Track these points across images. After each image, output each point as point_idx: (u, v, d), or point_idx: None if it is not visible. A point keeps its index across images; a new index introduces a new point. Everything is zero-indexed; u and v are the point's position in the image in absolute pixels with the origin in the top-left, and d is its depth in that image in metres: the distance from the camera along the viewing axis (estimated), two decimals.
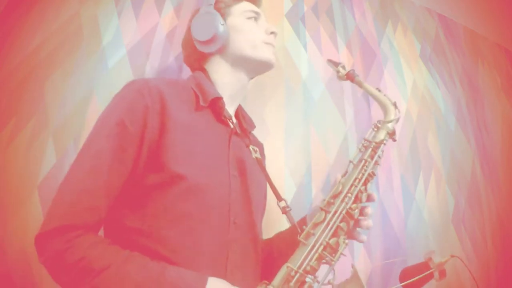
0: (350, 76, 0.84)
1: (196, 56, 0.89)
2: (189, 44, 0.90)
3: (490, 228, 1.70)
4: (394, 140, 0.79)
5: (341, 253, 0.68)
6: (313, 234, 0.68)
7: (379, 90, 0.82)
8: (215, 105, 0.79)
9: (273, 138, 1.43)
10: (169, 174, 0.66)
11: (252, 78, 0.93)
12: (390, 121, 0.78)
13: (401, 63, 1.87)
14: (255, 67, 0.86)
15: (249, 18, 0.86)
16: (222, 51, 0.85)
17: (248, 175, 0.79)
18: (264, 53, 0.84)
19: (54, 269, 0.61)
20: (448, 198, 1.66)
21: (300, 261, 0.66)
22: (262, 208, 0.87)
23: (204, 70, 0.86)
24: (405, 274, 1.09)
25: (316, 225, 0.70)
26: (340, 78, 0.85)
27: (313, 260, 0.66)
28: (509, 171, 1.92)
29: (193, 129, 0.73)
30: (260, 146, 0.98)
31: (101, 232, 0.71)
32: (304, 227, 0.70)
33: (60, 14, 1.40)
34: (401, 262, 1.36)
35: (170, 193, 0.66)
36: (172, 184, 0.66)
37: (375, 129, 0.79)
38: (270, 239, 0.91)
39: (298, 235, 0.69)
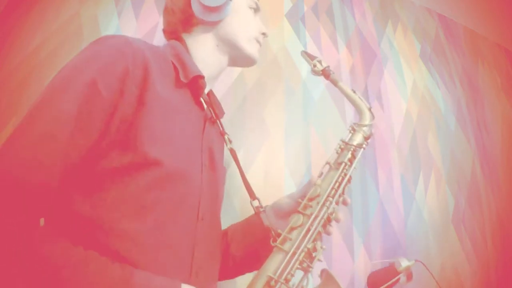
0: (325, 73, 0.79)
1: (185, 17, 0.78)
2: (184, 2, 0.79)
3: (490, 228, 1.70)
4: (367, 144, 0.75)
5: (318, 259, 0.64)
6: (291, 239, 0.63)
7: (355, 92, 0.78)
8: (196, 84, 0.71)
9: (273, 138, 1.43)
10: (143, 157, 0.56)
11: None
12: (366, 126, 0.75)
13: (401, 63, 1.87)
14: (239, 58, 0.82)
15: (251, 8, 0.84)
16: (214, 25, 0.78)
17: (216, 166, 0.73)
18: (253, 49, 0.81)
19: None
20: (448, 198, 1.66)
21: (280, 269, 0.61)
22: (221, 204, 0.81)
23: (182, 40, 0.78)
24: (373, 279, 1.09)
25: (293, 229, 0.65)
26: (315, 73, 0.81)
27: (294, 268, 0.61)
28: (509, 171, 1.92)
29: (173, 107, 0.64)
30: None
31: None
32: (279, 231, 0.65)
33: (60, 14, 1.41)
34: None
35: (141, 179, 0.56)
36: (144, 168, 0.57)
37: (352, 131, 0.75)
38: (224, 232, 0.83)
39: (271, 240, 0.64)
